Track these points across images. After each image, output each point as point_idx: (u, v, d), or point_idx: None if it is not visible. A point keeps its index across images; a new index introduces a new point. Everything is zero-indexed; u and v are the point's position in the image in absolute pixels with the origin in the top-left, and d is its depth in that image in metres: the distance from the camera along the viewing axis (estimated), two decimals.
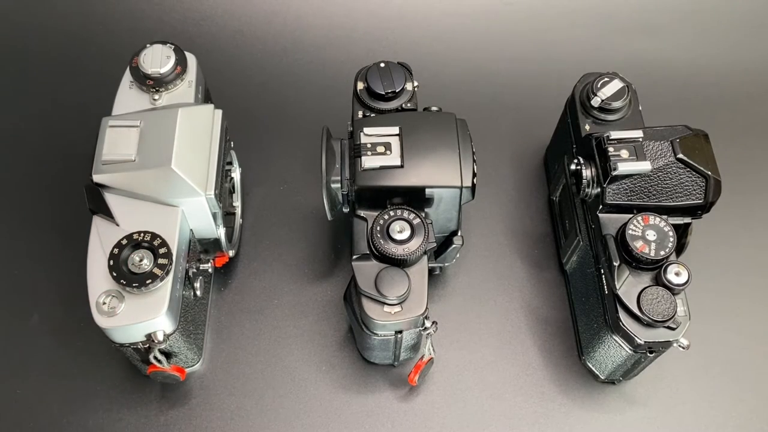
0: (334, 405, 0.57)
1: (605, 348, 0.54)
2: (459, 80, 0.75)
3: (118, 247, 0.48)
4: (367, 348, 0.55)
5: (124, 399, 0.57)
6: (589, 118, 0.56)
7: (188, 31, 0.76)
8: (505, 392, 0.58)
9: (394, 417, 0.57)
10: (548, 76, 0.74)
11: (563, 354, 0.60)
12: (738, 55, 0.77)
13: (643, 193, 0.51)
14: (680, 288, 0.48)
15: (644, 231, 0.49)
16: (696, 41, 0.77)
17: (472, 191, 0.51)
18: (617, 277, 0.49)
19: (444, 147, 0.51)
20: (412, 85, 0.56)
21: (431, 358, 0.54)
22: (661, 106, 0.63)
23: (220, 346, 0.60)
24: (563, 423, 0.57)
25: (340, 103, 0.63)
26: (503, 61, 0.76)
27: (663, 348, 0.50)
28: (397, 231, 0.48)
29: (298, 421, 0.57)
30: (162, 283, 0.48)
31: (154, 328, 0.48)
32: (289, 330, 0.60)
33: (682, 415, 0.58)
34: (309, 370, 0.59)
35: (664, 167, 0.50)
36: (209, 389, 0.58)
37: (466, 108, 0.56)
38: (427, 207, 0.51)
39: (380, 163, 0.50)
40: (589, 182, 0.52)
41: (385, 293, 0.47)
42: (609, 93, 0.55)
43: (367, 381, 0.58)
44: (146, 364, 0.52)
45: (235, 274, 0.63)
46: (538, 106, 0.72)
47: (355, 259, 0.49)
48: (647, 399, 0.58)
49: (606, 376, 0.57)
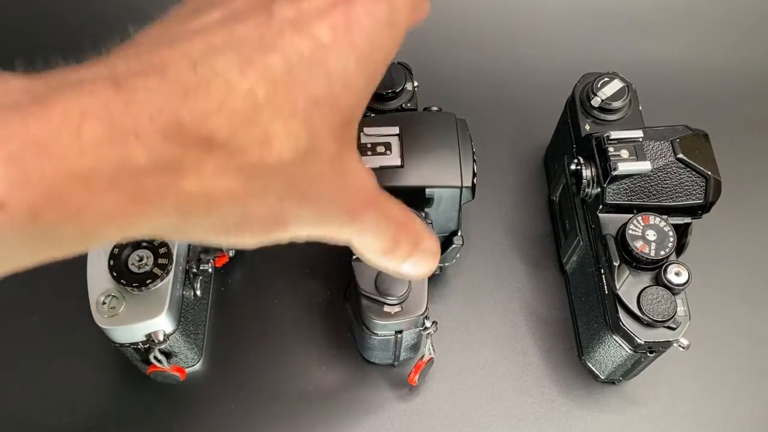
0: (334, 405, 0.57)
1: (605, 348, 0.54)
2: (459, 80, 0.75)
3: (119, 246, 0.48)
4: (367, 348, 0.55)
5: (124, 399, 0.57)
6: (589, 118, 0.56)
7: None
8: (505, 392, 0.58)
9: (394, 417, 0.57)
10: (548, 76, 0.74)
11: (563, 354, 0.60)
12: (738, 55, 0.77)
13: (643, 193, 0.51)
14: (680, 288, 0.48)
15: (644, 231, 0.49)
16: (696, 41, 0.77)
17: (472, 191, 0.51)
18: (617, 277, 0.49)
19: (444, 147, 0.51)
20: (412, 85, 0.56)
21: (431, 358, 0.54)
22: (661, 106, 0.63)
23: (220, 346, 0.60)
24: (563, 423, 0.57)
25: None
26: (503, 61, 0.76)
27: (663, 348, 0.50)
28: None
29: (298, 421, 0.57)
30: (162, 283, 0.48)
31: (154, 328, 0.48)
32: (289, 330, 0.60)
33: (682, 415, 0.58)
34: (309, 370, 0.59)
35: (664, 167, 0.50)
36: (209, 389, 0.58)
37: (466, 108, 0.56)
38: (427, 207, 0.51)
39: (380, 163, 0.50)
40: (589, 182, 0.52)
41: (385, 293, 0.47)
42: (609, 93, 0.55)
43: (367, 381, 0.58)
44: (146, 364, 0.52)
45: (235, 274, 0.63)
46: (538, 106, 0.72)
47: (355, 259, 0.49)
48: (647, 399, 0.58)
49: (606, 376, 0.57)
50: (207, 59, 0.23)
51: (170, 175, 0.22)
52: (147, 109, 0.21)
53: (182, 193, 0.23)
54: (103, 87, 0.21)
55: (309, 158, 0.25)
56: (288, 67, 0.24)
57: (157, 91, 0.22)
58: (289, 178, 0.25)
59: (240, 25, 0.24)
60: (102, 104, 0.21)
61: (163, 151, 0.22)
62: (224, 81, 0.23)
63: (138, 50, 0.24)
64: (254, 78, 0.23)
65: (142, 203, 0.22)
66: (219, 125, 0.23)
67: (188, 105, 0.22)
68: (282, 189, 0.25)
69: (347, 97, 0.26)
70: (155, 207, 0.22)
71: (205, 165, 0.23)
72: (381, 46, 0.27)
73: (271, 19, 0.25)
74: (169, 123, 0.22)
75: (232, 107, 0.23)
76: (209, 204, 0.24)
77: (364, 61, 0.26)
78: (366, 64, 0.26)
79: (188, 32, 0.24)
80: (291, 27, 0.24)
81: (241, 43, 0.24)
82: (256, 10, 0.25)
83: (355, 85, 0.26)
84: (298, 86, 0.24)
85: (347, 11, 0.25)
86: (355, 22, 0.26)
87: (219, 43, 0.24)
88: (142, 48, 0.24)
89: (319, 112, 0.25)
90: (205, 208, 0.24)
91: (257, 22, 0.24)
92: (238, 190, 0.24)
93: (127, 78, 0.22)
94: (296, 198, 0.26)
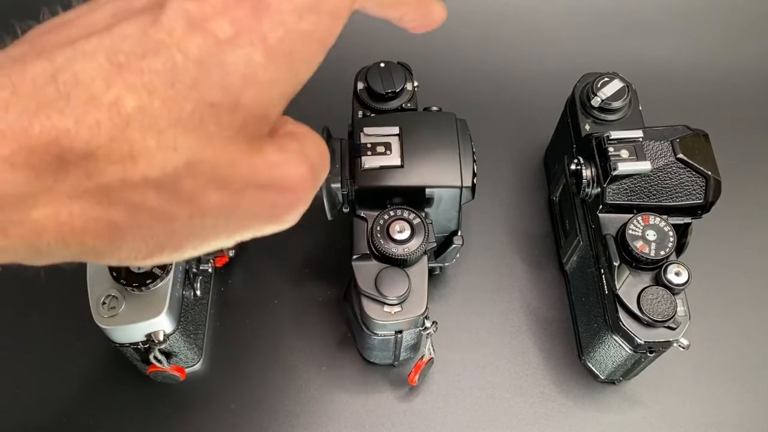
0: (334, 405, 0.57)
1: (605, 348, 0.54)
2: (459, 80, 0.75)
3: None
4: (367, 348, 0.55)
5: (123, 399, 0.57)
6: (589, 118, 0.56)
7: None
8: (505, 392, 0.58)
9: (394, 417, 0.57)
10: (548, 76, 0.74)
11: (563, 354, 0.60)
12: (738, 55, 0.77)
13: (643, 193, 0.51)
14: (680, 288, 0.48)
15: (644, 231, 0.49)
16: (696, 41, 0.77)
17: (472, 191, 0.51)
18: (617, 277, 0.49)
19: (444, 147, 0.51)
20: (412, 85, 0.56)
21: (431, 358, 0.54)
22: (661, 106, 0.63)
23: (220, 346, 0.60)
24: (563, 423, 0.57)
25: (340, 103, 0.63)
26: (503, 61, 0.76)
27: (663, 348, 0.50)
28: (397, 231, 0.48)
29: (298, 421, 0.57)
30: (162, 283, 0.48)
31: (155, 328, 0.48)
32: (289, 330, 0.60)
33: (682, 415, 0.58)
34: (309, 370, 0.59)
35: (664, 167, 0.50)
36: (209, 389, 0.58)
37: (466, 108, 0.56)
38: (427, 207, 0.51)
39: (380, 163, 0.50)
40: (589, 182, 0.52)
41: (385, 293, 0.47)
42: (609, 93, 0.55)
43: (367, 381, 0.58)
44: (146, 364, 0.52)
45: (235, 274, 0.63)
46: (538, 106, 0.72)
47: (355, 259, 0.49)
48: (647, 399, 0.58)
49: (606, 376, 0.57)
50: (71, 67, 0.21)
51: (18, 208, 0.20)
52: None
53: (31, 224, 0.21)
54: None
55: (192, 169, 0.22)
56: (171, 70, 0.21)
57: (5, 110, 0.20)
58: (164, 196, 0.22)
59: (125, 24, 0.22)
60: None
61: (8, 182, 0.20)
62: (86, 91, 0.20)
63: (5, 52, 0.22)
64: (122, 87, 0.21)
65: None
66: (74, 142, 0.20)
67: (39, 122, 0.20)
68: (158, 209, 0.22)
69: (254, 95, 0.23)
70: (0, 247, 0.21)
71: (58, 188, 0.21)
72: (305, 34, 0.24)
73: (163, 15, 0.22)
74: (15, 150, 0.20)
75: (92, 121, 0.20)
76: (65, 233, 0.21)
77: (278, 54, 0.23)
78: (281, 56, 0.23)
79: (69, 35, 0.22)
80: (184, 24, 0.22)
81: (117, 46, 0.21)
82: (151, 4, 0.23)
83: (264, 82, 0.23)
84: (183, 91, 0.22)
85: (257, 2, 0.23)
86: (265, 13, 0.23)
87: (91, 48, 0.21)
88: (12, 48, 0.22)
89: (214, 114, 0.22)
90: (61, 239, 0.21)
91: (145, 19, 0.22)
92: (98, 214, 0.21)
93: None
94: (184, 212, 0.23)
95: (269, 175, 0.24)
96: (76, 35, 0.22)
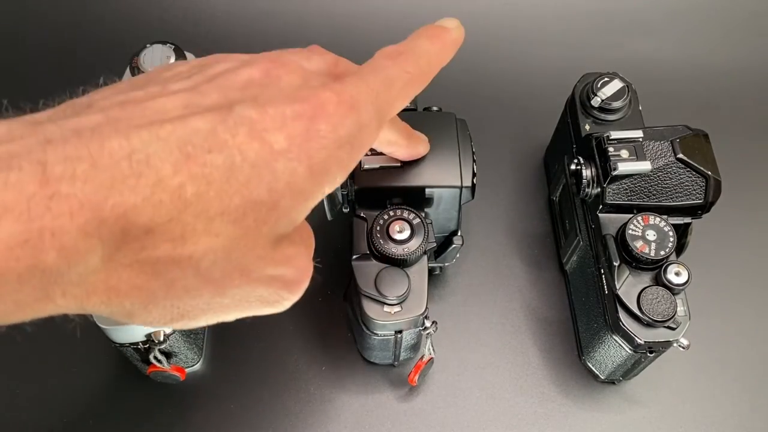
0: (334, 405, 0.57)
1: (605, 348, 0.54)
2: (459, 80, 0.75)
3: None
4: (367, 348, 0.55)
5: (124, 399, 0.57)
6: (589, 118, 0.56)
7: (188, 31, 0.76)
8: (505, 392, 0.58)
9: (394, 417, 0.57)
10: (548, 76, 0.74)
11: (563, 354, 0.60)
12: (738, 55, 0.77)
13: (643, 193, 0.51)
14: (680, 288, 0.48)
15: (644, 231, 0.49)
16: (696, 41, 0.77)
17: (472, 191, 0.51)
18: (617, 277, 0.49)
19: (444, 147, 0.51)
20: None
21: (431, 358, 0.54)
22: (661, 106, 0.63)
23: (220, 346, 0.60)
24: (563, 423, 0.57)
25: None
26: (503, 61, 0.76)
27: (663, 348, 0.50)
28: (397, 231, 0.48)
29: (298, 421, 0.57)
30: None
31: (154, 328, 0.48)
32: (289, 330, 0.60)
33: (682, 415, 0.58)
34: (309, 370, 0.59)
35: (664, 167, 0.50)
36: (209, 389, 0.58)
37: (466, 108, 0.56)
38: (427, 207, 0.51)
39: (380, 163, 0.50)
40: (589, 182, 0.52)
41: (385, 293, 0.47)
42: (609, 93, 0.55)
43: (367, 381, 0.58)
44: (146, 364, 0.52)
45: None
46: (538, 106, 0.72)
47: (355, 259, 0.49)
48: (647, 399, 0.58)
49: (606, 376, 0.57)
50: (145, 149, 0.23)
51: (81, 272, 0.22)
52: (69, 206, 0.21)
53: (87, 286, 0.23)
54: (30, 175, 0.21)
55: (227, 255, 0.25)
56: (230, 167, 0.24)
57: (84, 181, 0.22)
58: (199, 275, 0.25)
59: (197, 119, 0.25)
60: (24, 199, 0.21)
61: (79, 250, 0.22)
62: (156, 173, 0.23)
63: (81, 118, 0.24)
64: (186, 175, 0.23)
65: (44, 300, 0.23)
66: (139, 217, 0.23)
67: (113, 197, 0.22)
68: (190, 285, 0.25)
69: (290, 200, 0.26)
70: (56, 305, 0.23)
71: (117, 256, 0.23)
72: (339, 160, 0.28)
73: (230, 116, 0.25)
74: (89, 219, 0.22)
75: (157, 200, 0.23)
76: (111, 296, 0.24)
77: (317, 172, 0.27)
78: (319, 174, 0.27)
79: (144, 115, 0.25)
80: (246, 130, 0.25)
81: (189, 137, 0.24)
82: (220, 105, 0.26)
83: (302, 192, 0.27)
84: (235, 186, 0.24)
85: (309, 126, 0.26)
86: (315, 137, 0.26)
87: (165, 134, 0.24)
88: (87, 116, 0.24)
89: (255, 210, 0.25)
90: (106, 299, 0.24)
91: (215, 118, 0.25)
92: (142, 282, 0.24)
93: (54, 165, 0.21)
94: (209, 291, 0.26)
95: (284, 268, 0.29)
96: (150, 118, 0.25)
